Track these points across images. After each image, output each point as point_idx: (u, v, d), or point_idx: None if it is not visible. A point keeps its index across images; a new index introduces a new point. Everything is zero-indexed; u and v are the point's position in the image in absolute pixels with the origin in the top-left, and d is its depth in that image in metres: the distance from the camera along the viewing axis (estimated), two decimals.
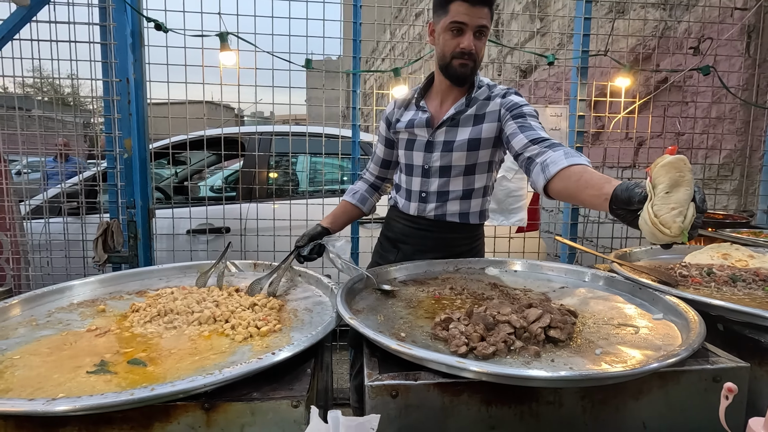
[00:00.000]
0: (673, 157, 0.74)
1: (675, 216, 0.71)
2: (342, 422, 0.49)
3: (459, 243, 1.45)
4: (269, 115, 3.22)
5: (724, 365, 0.73)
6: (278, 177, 2.79)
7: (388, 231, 1.53)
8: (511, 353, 0.78)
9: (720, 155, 2.65)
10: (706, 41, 2.34)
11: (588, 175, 0.94)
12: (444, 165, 1.37)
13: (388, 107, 1.52)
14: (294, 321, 0.98)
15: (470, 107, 1.34)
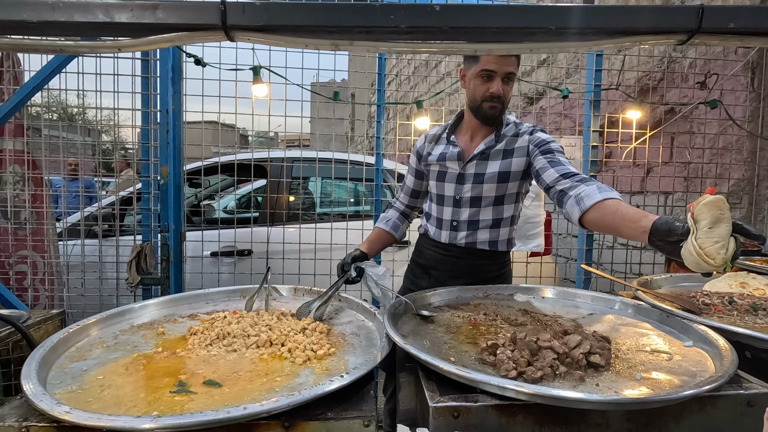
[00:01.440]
0: (714, 197, 0.85)
1: (719, 249, 0.82)
2: None
3: (488, 269, 1.53)
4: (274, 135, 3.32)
5: (757, 391, 0.79)
6: (302, 201, 2.88)
7: (420, 258, 1.61)
8: (557, 377, 0.84)
9: (728, 184, 2.74)
10: (712, 76, 2.46)
11: (624, 208, 1.06)
12: (475, 196, 1.47)
13: (419, 141, 1.61)
14: (345, 345, 1.04)
15: (499, 143, 1.45)
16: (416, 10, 0.49)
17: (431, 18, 0.49)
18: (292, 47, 0.75)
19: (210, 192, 3.59)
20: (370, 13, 0.49)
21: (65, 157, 2.10)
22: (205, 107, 2.16)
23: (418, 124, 2.24)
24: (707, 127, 2.72)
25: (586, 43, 0.55)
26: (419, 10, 0.49)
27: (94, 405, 0.74)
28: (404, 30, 0.50)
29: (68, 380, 0.84)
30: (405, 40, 0.52)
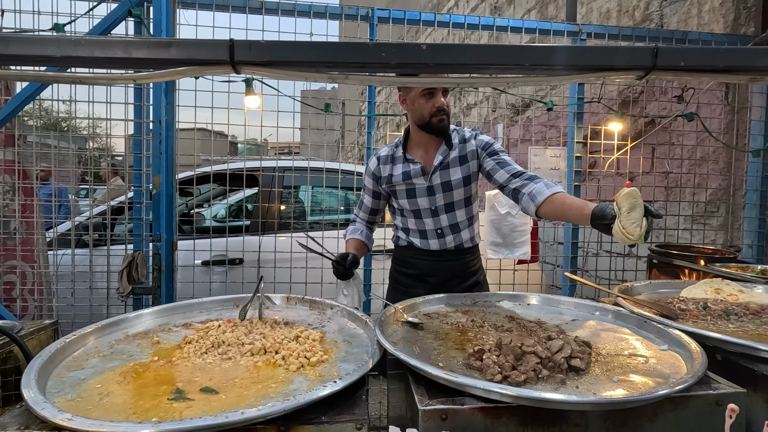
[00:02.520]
0: (630, 189, 1.11)
1: (635, 227, 1.08)
2: None
3: (473, 263, 1.69)
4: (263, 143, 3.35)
5: (724, 391, 0.84)
6: (293, 210, 2.91)
7: (409, 269, 1.67)
8: (540, 381, 0.89)
9: (706, 193, 2.84)
10: (689, 90, 2.57)
11: (569, 200, 1.36)
12: (448, 202, 1.60)
13: (372, 163, 1.68)
14: (337, 352, 1.08)
15: (453, 151, 1.58)
16: (405, 49, 0.54)
17: (418, 56, 0.54)
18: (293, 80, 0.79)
19: (201, 201, 3.60)
20: (364, 51, 0.54)
21: (54, 167, 2.10)
22: (201, 117, 2.19)
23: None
24: (686, 138, 2.82)
25: (557, 78, 0.60)
26: (408, 49, 0.54)
27: (95, 413, 0.76)
28: (393, 65, 0.55)
29: (67, 389, 0.85)
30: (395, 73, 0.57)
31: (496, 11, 5.61)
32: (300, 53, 0.55)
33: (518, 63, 0.55)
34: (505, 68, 0.57)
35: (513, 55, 0.55)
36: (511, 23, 2.30)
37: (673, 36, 2.41)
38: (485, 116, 5.87)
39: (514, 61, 0.55)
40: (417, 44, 0.54)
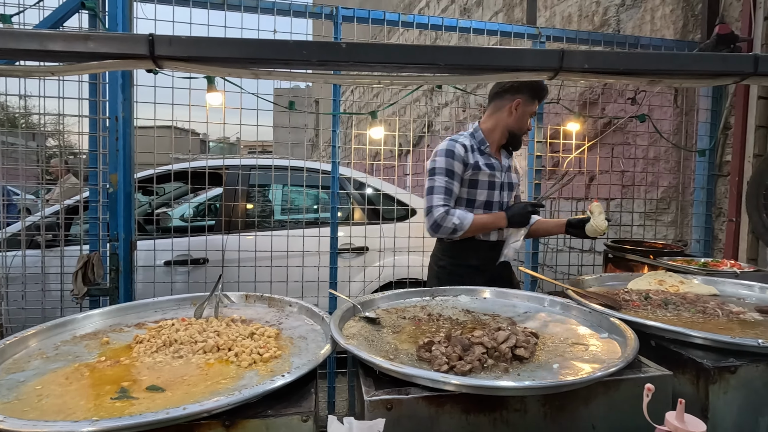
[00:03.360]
0: (597, 203, 1.72)
1: (602, 223, 1.69)
2: (355, 426, 0.61)
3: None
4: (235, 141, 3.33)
5: (653, 374, 0.90)
6: (257, 208, 2.88)
7: (469, 260, 1.76)
8: (485, 370, 0.93)
9: (658, 191, 2.99)
10: (641, 92, 2.70)
11: (544, 221, 1.90)
12: (508, 201, 1.85)
13: (459, 150, 1.71)
14: (291, 348, 1.08)
15: (508, 159, 1.88)
16: (325, 47, 0.56)
17: (338, 54, 0.56)
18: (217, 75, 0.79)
19: (165, 200, 3.51)
20: (285, 48, 0.55)
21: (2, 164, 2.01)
22: (162, 113, 2.13)
23: (372, 134, 2.31)
24: (640, 139, 2.96)
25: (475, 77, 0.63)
26: (327, 47, 0.56)
27: (32, 414, 0.74)
28: (315, 62, 0.57)
29: (3, 391, 0.83)
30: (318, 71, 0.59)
31: (465, 13, 5.71)
32: (222, 50, 0.56)
33: (434, 62, 0.58)
34: (422, 67, 0.60)
35: (428, 55, 0.57)
36: (473, 25, 2.35)
37: (626, 41, 2.52)
38: (456, 116, 5.96)
39: (430, 61, 0.58)
40: (336, 43, 0.55)
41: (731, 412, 0.94)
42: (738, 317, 1.25)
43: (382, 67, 0.59)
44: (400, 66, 0.58)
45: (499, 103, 1.75)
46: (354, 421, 0.63)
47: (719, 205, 2.66)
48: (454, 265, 1.76)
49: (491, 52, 0.58)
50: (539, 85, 1.71)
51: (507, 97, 1.73)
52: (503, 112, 1.74)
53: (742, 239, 2.49)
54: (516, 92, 1.71)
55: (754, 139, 2.41)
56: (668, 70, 0.62)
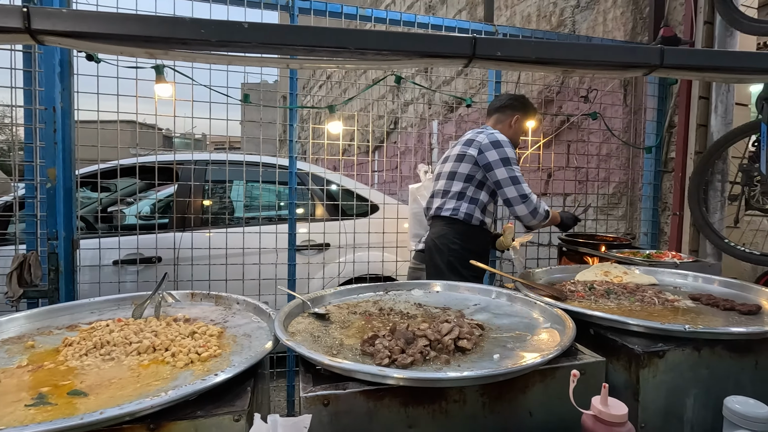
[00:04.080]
0: (510, 226, 1.96)
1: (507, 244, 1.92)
2: (280, 423, 0.59)
3: None
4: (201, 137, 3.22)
5: (587, 361, 0.93)
6: (214, 205, 2.79)
7: (477, 247, 1.90)
8: (427, 362, 0.93)
9: (611, 186, 3.11)
10: (593, 91, 2.79)
11: None
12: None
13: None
14: (233, 346, 1.05)
15: None
16: (225, 26, 0.53)
17: (240, 34, 0.53)
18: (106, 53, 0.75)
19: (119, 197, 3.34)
20: (181, 26, 0.52)
21: None
22: (121, 106, 2.02)
23: (330, 129, 2.28)
24: (594, 136, 3.07)
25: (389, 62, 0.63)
26: (229, 26, 0.53)
27: None
28: (215, 43, 0.54)
29: None
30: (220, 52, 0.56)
31: (430, 10, 5.74)
32: (109, 26, 0.52)
33: (343, 46, 0.57)
34: (333, 50, 0.58)
35: (339, 38, 0.56)
36: (431, 21, 2.36)
37: (578, 41, 2.60)
38: (421, 113, 5.99)
39: (339, 44, 0.56)
40: (238, 22, 0.53)
41: (660, 394, 0.98)
42: (672, 305, 1.32)
43: (291, 50, 0.57)
44: (309, 48, 0.56)
45: (501, 117, 2.01)
46: (279, 418, 0.61)
47: (665, 199, 2.80)
48: (463, 249, 1.87)
49: (405, 37, 0.57)
50: (531, 104, 2.07)
51: (507, 112, 2.01)
52: (505, 125, 1.99)
53: (685, 232, 2.63)
54: (514, 110, 2.00)
55: (696, 137, 2.54)
56: (579, 60, 0.64)
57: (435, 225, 1.95)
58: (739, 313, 1.21)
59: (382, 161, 6.39)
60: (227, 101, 2.11)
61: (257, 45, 0.54)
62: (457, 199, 1.86)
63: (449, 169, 1.92)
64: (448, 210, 1.88)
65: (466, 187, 1.86)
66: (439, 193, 1.95)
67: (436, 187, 1.99)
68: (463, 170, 1.86)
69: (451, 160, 1.94)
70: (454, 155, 1.93)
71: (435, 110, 5.60)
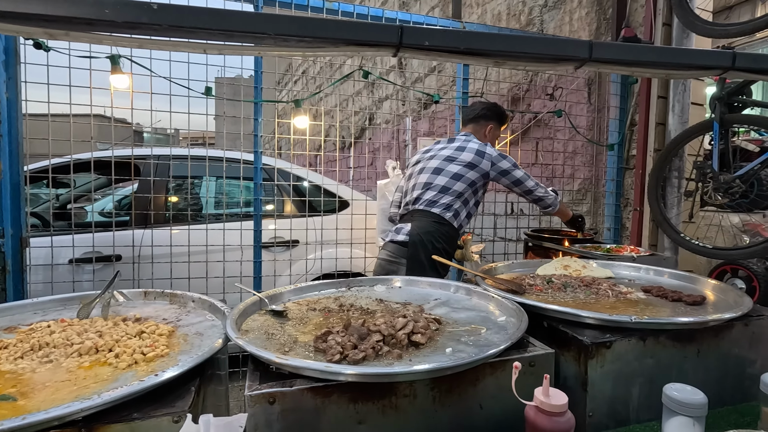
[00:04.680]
0: (469, 237, 1.99)
1: (471, 252, 1.96)
2: (212, 423, 0.58)
3: None
4: (173, 133, 3.13)
5: (536, 353, 0.94)
6: (177, 201, 2.70)
7: (453, 248, 1.98)
8: (379, 357, 0.92)
9: (577, 183, 3.19)
10: (559, 89, 2.85)
11: None
12: None
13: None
14: (183, 345, 1.02)
15: None
16: (132, 7, 0.51)
17: (149, 16, 0.51)
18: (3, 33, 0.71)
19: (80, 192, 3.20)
20: (83, 6, 0.49)
21: None
22: (78, 98, 1.92)
23: (296, 123, 2.24)
24: (561, 134, 3.14)
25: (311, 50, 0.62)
26: (134, 7, 0.51)
27: None
28: (122, 24, 0.52)
29: None
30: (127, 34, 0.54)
31: (404, 6, 5.73)
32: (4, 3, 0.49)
33: (262, 32, 0.55)
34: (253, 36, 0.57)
35: (256, 23, 0.54)
36: (399, 16, 2.35)
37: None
38: (395, 110, 6.00)
39: (257, 30, 0.55)
40: (148, 3, 0.50)
41: (607, 384, 1.01)
42: (625, 297, 1.36)
43: (206, 34, 0.55)
44: (227, 33, 0.54)
45: (476, 127, 2.11)
46: (212, 418, 0.59)
47: (626, 195, 2.89)
48: (444, 249, 1.95)
49: (330, 24, 0.56)
50: (504, 113, 2.17)
51: (481, 122, 2.11)
52: (480, 135, 2.09)
53: (645, 227, 2.72)
54: (488, 119, 2.11)
55: (655, 135, 2.63)
56: (509, 52, 0.64)
57: (420, 220, 1.93)
58: (686, 303, 1.26)
59: (357, 157, 6.37)
60: (188, 94, 2.05)
61: (168, 28, 0.52)
62: (455, 198, 1.92)
63: (444, 166, 1.94)
64: (439, 207, 1.90)
65: (465, 190, 1.93)
66: (428, 187, 1.94)
67: (420, 179, 1.98)
68: (471, 176, 1.93)
69: (443, 158, 1.95)
70: (465, 160, 1.94)
71: (409, 107, 5.61)
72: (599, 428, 1.00)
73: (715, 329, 1.10)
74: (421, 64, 5.36)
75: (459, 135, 2.08)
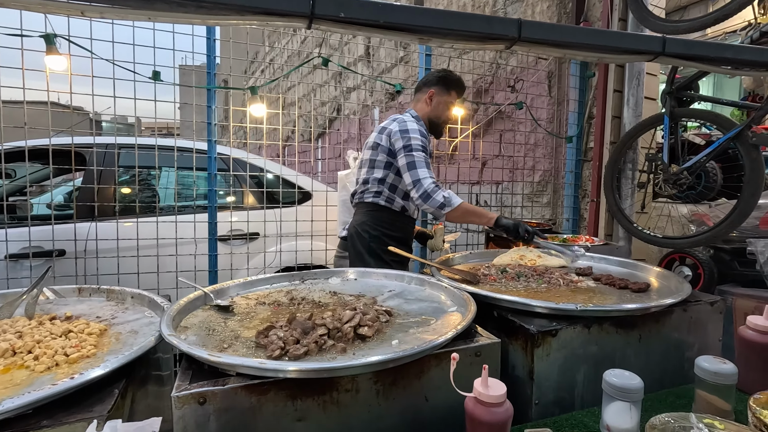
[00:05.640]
0: (440, 227, 2.00)
1: (440, 242, 1.99)
2: (120, 429, 0.53)
3: None
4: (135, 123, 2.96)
5: (482, 343, 0.94)
6: (127, 193, 2.56)
7: (398, 233, 1.85)
8: (322, 352, 0.89)
9: (537, 174, 3.25)
10: (520, 81, 2.88)
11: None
12: None
13: (424, 131, 1.84)
14: (115, 344, 0.95)
15: None
16: None
17: None
18: None
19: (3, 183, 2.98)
20: None
21: None
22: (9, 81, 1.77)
23: (252, 111, 2.16)
24: (523, 126, 3.18)
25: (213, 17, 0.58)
26: None
27: None
28: None
29: None
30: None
31: None
32: None
33: None
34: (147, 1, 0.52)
35: None
36: None
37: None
38: (363, 100, 5.93)
39: None
40: None
41: (553, 372, 1.02)
42: (576, 285, 1.38)
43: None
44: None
45: (419, 96, 1.97)
46: (119, 424, 0.54)
47: (585, 187, 2.96)
48: (384, 235, 1.83)
49: None
50: (449, 77, 1.95)
51: (423, 89, 1.96)
52: (422, 103, 1.95)
53: (601, 217, 2.80)
54: (429, 85, 1.95)
55: (611, 128, 2.70)
56: (432, 28, 0.62)
57: (357, 212, 1.91)
58: (632, 291, 1.29)
59: (325, 149, 6.27)
60: (134, 78, 1.93)
61: None
62: (378, 184, 1.84)
63: (368, 156, 1.89)
64: (370, 195, 1.85)
65: (386, 174, 1.83)
66: (361, 181, 1.91)
67: (359, 176, 1.95)
68: (381, 159, 1.83)
69: (369, 147, 1.91)
70: (371, 143, 1.90)
71: (376, 97, 5.55)
72: (545, 415, 1.01)
73: (656, 315, 1.13)
74: (388, 55, 5.30)
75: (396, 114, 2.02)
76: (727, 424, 0.77)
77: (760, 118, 1.99)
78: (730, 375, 0.88)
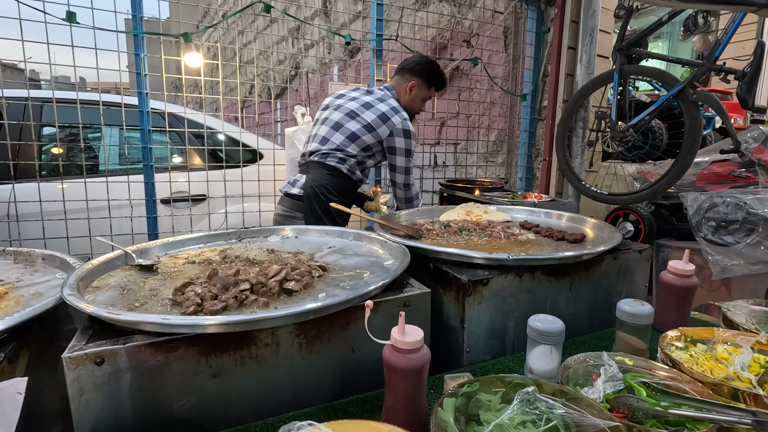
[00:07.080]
0: (378, 189, 1.94)
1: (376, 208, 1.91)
2: None
3: None
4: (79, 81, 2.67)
5: (411, 293, 0.92)
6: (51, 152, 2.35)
7: (353, 201, 1.89)
8: (242, 307, 0.85)
9: (492, 134, 3.24)
10: (476, 36, 2.80)
11: None
12: None
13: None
14: (13, 307, 0.87)
15: None
16: None
17: None
18: None
19: None
20: None
21: None
22: None
23: (187, 61, 1.99)
24: (481, 84, 3.13)
25: None
26: None
27: None
28: None
29: None
30: None
31: None
32: None
33: None
34: None
35: None
36: None
37: None
38: (321, 57, 5.66)
39: None
40: None
41: (484, 319, 1.03)
42: (516, 238, 1.39)
43: None
44: None
45: (400, 80, 1.93)
46: None
47: (538, 146, 2.99)
48: (341, 202, 1.78)
49: None
50: (433, 71, 1.93)
51: (406, 76, 1.92)
52: (401, 89, 1.92)
53: (553, 176, 2.85)
54: (413, 74, 1.91)
55: (564, 85, 2.70)
56: None
57: (314, 171, 1.81)
58: (568, 242, 1.32)
59: (283, 110, 6.00)
60: (45, 19, 1.71)
61: None
62: (346, 155, 1.78)
63: (344, 123, 1.79)
64: (334, 160, 1.77)
65: (360, 154, 1.81)
66: (319, 141, 1.82)
67: (320, 132, 1.84)
68: (367, 140, 1.79)
69: (347, 114, 1.81)
70: (353, 112, 1.80)
71: (335, 55, 5.32)
72: (476, 362, 1.02)
73: (586, 263, 1.16)
74: (345, 9, 5.04)
75: (380, 88, 1.94)
76: (636, 360, 0.80)
77: (702, 75, 2.03)
78: (647, 316, 0.91)
